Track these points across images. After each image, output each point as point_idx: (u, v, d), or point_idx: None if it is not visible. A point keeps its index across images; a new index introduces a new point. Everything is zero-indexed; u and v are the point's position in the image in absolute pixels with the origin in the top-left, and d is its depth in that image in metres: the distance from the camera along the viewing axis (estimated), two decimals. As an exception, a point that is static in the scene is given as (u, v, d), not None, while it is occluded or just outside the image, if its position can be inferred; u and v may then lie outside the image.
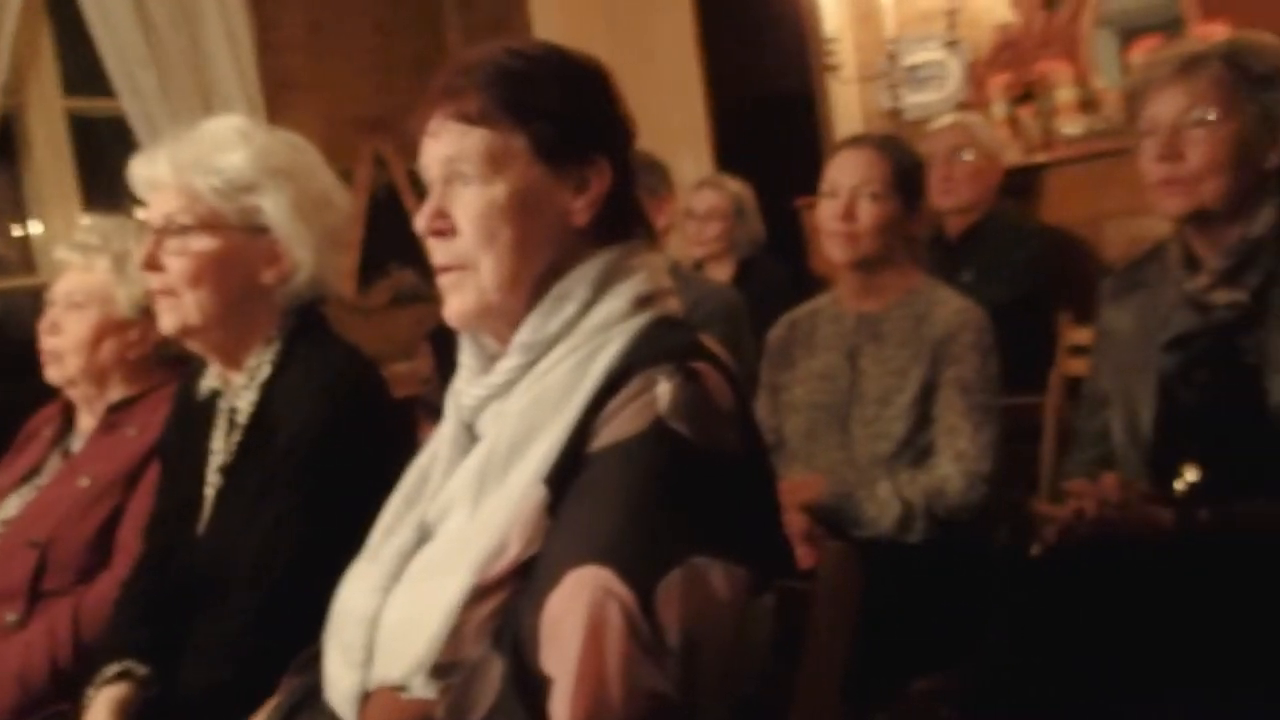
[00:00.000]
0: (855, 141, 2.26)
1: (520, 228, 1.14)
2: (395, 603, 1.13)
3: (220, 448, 1.64)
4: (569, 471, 1.07)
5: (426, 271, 1.35)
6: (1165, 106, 1.74)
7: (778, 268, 3.80)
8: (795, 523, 1.98)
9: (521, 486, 1.09)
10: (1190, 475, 1.71)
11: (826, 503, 2.05)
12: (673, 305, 1.20)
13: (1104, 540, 1.67)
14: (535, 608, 1.01)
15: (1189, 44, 1.82)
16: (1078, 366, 2.44)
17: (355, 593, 1.17)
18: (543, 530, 1.06)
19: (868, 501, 2.03)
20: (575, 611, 0.97)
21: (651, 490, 1.02)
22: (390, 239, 4.54)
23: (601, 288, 1.16)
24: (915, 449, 2.08)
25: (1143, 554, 1.64)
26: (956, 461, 2.03)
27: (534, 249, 1.15)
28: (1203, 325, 1.75)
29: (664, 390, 1.05)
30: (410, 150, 1.22)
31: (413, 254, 4.16)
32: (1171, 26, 3.69)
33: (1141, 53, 3.65)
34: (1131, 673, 1.49)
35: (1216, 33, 3.09)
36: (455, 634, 1.05)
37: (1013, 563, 2.08)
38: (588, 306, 1.15)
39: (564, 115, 1.15)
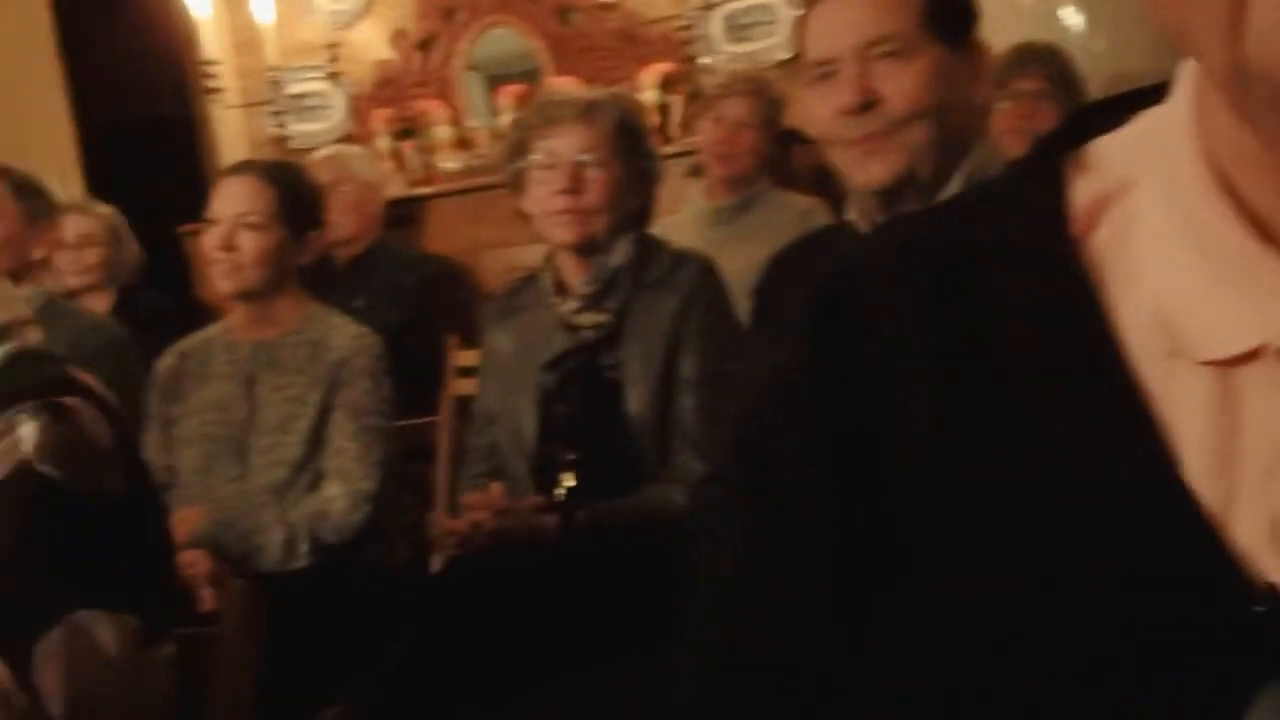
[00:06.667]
0: (239, 169, 2.21)
1: None
2: None
3: None
4: None
5: None
6: (567, 143, 1.91)
7: (159, 296, 3.58)
8: (198, 564, 1.89)
9: None
10: (568, 482, 1.90)
11: (207, 533, 1.97)
12: (33, 337, 1.09)
13: (500, 549, 1.79)
14: None
15: (587, 91, 2.03)
16: (467, 387, 2.57)
17: None
18: None
19: (254, 530, 1.99)
20: None
21: (18, 544, 0.92)
22: None
23: None
24: (310, 474, 2.07)
25: (534, 558, 1.78)
26: (342, 482, 2.05)
27: None
28: (574, 345, 1.95)
29: (28, 431, 0.95)
30: None
31: None
32: (531, 76, 4.04)
33: (507, 98, 3.96)
34: (532, 670, 1.61)
35: (568, 84, 3.46)
36: None
37: (414, 579, 2.16)
38: None
39: None
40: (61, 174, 4.31)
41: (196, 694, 1.16)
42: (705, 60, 3.79)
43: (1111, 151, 0.50)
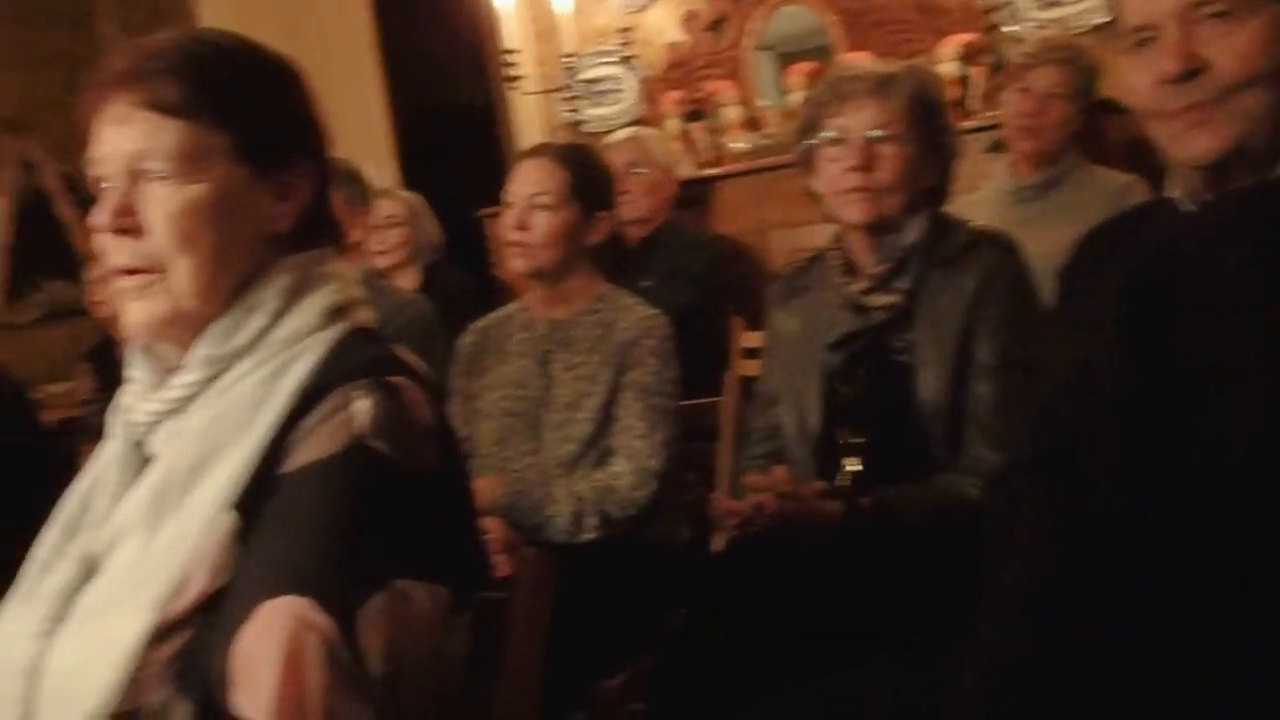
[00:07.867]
0: (534, 151, 2.29)
1: (221, 232, 1.07)
2: (60, 648, 1.02)
3: None
4: (259, 495, 1.01)
5: (82, 284, 1.23)
6: (859, 119, 1.86)
7: (461, 275, 3.80)
8: (493, 532, 1.98)
9: (205, 512, 1.02)
10: (852, 466, 1.85)
11: (502, 503, 2.05)
12: (365, 316, 1.16)
13: (781, 531, 1.77)
14: (225, 644, 0.95)
15: (882, 65, 1.97)
16: (751, 367, 2.56)
17: (7, 639, 1.06)
18: (231, 560, 1.00)
19: (545, 501, 2.06)
20: (270, 645, 0.92)
21: (351, 512, 0.98)
22: (41, 249, 4.14)
23: (293, 298, 1.10)
24: (599, 450, 2.12)
25: (816, 542, 1.75)
26: (630, 460, 2.08)
27: (234, 255, 1.08)
28: (862, 326, 1.89)
29: (362, 408, 1.02)
30: (61, 151, 1.11)
31: (67, 265, 3.83)
32: (822, 54, 3.97)
33: (798, 76, 3.91)
34: (808, 653, 1.59)
35: (862, 59, 3.37)
36: (134, 680, 0.97)
37: (696, 557, 2.18)
38: (278, 317, 1.09)
39: (267, 115, 1.09)
40: (378, 161, 4.64)
41: (489, 656, 1.21)
42: (1010, 29, 3.60)
43: None
